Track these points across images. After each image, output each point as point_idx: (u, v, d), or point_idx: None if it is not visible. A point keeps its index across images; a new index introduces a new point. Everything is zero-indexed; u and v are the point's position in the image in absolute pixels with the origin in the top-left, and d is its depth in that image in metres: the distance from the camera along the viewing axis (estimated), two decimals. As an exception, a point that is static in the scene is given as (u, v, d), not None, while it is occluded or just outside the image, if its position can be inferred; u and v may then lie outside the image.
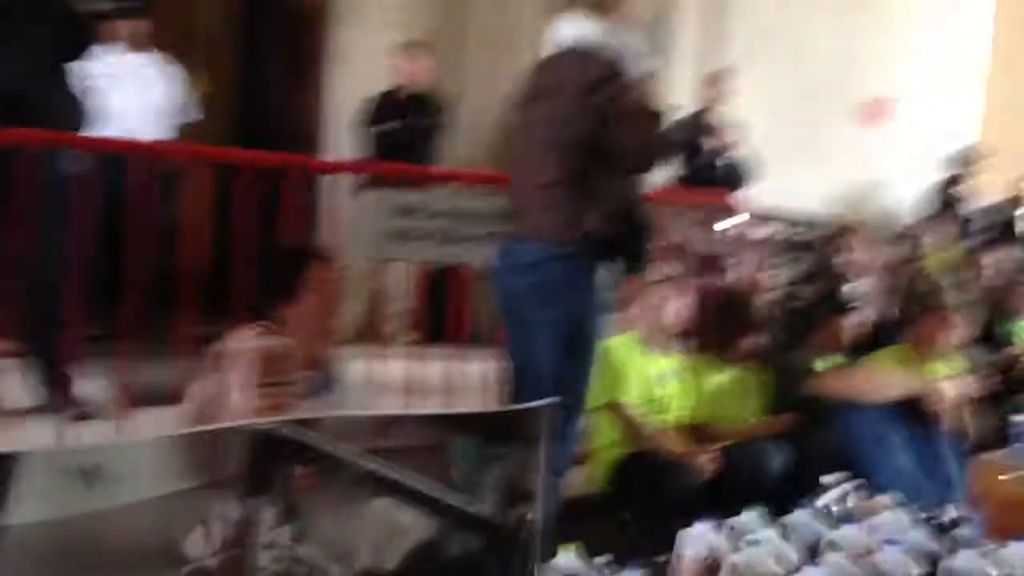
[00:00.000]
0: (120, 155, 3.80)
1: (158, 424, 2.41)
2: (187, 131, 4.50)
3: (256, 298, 2.57)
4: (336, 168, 3.65)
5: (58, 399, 3.15)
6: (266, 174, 3.42)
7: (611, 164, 2.56)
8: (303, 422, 1.68)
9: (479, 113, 5.97)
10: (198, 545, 1.50)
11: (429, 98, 4.90)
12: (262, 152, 3.69)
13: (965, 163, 7.02)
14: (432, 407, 2.78)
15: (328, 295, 2.48)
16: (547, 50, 2.68)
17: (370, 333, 4.64)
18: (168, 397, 2.87)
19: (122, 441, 1.53)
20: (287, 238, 3.29)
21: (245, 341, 2.22)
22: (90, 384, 3.22)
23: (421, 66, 4.78)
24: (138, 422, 2.90)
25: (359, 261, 4.23)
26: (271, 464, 1.60)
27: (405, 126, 4.73)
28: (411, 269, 4.79)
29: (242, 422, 1.70)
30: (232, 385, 2.11)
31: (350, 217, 3.62)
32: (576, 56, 2.56)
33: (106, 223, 3.69)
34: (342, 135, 5.51)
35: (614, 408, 3.09)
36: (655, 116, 2.59)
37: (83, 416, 3.06)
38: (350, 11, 5.74)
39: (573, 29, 2.58)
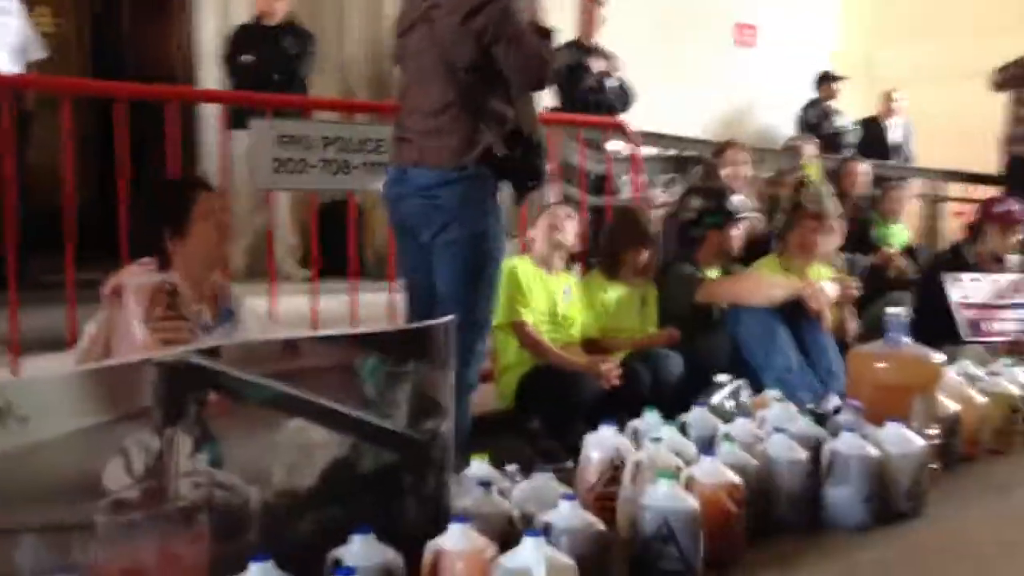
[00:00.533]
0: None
1: (50, 369, 2.32)
2: (37, 70, 4.25)
3: (142, 234, 2.50)
4: (217, 98, 3.52)
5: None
6: (141, 108, 3.30)
7: (502, 84, 2.56)
8: (211, 351, 1.67)
9: (359, 46, 5.88)
10: (118, 476, 1.50)
11: (289, 30, 4.78)
12: (141, 84, 3.53)
13: (829, 82, 7.33)
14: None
15: (217, 226, 2.43)
16: None
17: (259, 271, 4.58)
18: (56, 343, 2.79)
19: (33, 378, 1.49)
20: (169, 172, 3.18)
21: (138, 276, 2.16)
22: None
23: None
24: (27, 368, 2.79)
25: (244, 195, 4.16)
26: (183, 393, 1.61)
27: (261, 59, 4.63)
28: (295, 204, 4.75)
29: (151, 354, 1.68)
30: (129, 320, 2.06)
31: (234, 149, 3.52)
32: None
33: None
34: (210, 71, 5.35)
35: (517, 328, 3.16)
36: (544, 33, 2.59)
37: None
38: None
39: None
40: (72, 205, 2.92)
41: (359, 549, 1.71)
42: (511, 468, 2.37)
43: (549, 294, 3.28)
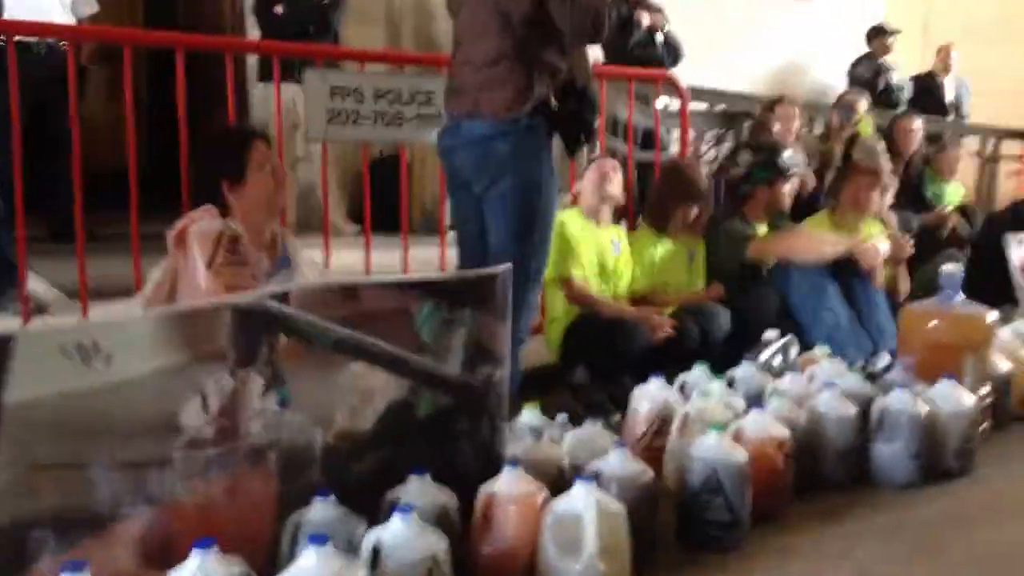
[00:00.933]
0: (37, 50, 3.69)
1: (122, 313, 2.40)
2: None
3: (201, 184, 2.55)
4: (273, 50, 3.53)
5: (8, 298, 3.11)
6: (196, 59, 3.33)
7: (556, 37, 2.55)
8: (279, 296, 1.72)
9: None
10: (194, 415, 1.56)
11: None
12: (196, 34, 3.57)
13: (882, 36, 7.15)
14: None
15: (272, 174, 2.48)
16: None
17: (305, 224, 4.64)
18: (122, 291, 2.87)
19: (118, 319, 1.55)
20: (224, 123, 3.22)
21: (202, 221, 2.22)
22: (38, 282, 3.17)
23: None
24: (96, 314, 2.88)
25: (288, 148, 4.20)
26: (257, 336, 1.66)
27: (292, 9, 4.61)
28: (338, 158, 4.77)
29: (229, 297, 1.74)
30: (193, 265, 2.12)
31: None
32: None
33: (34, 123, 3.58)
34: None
35: (565, 284, 3.17)
36: None
37: (36, 311, 3.03)
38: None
39: None
40: (134, 156, 2.97)
41: (416, 489, 1.77)
42: (561, 418, 2.41)
43: (598, 246, 3.28)
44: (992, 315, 2.89)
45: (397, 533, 1.58)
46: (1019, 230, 4.14)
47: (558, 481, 1.95)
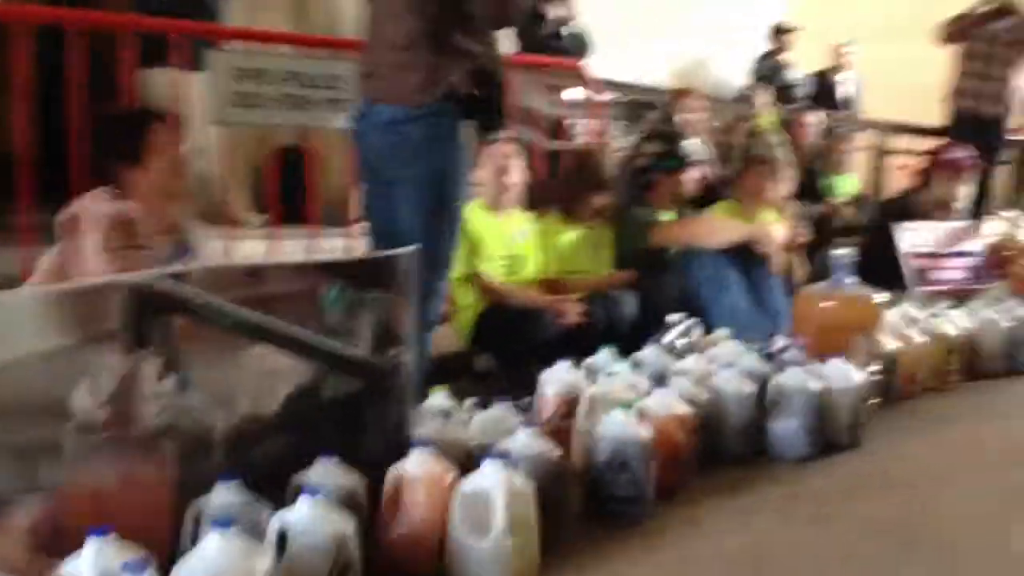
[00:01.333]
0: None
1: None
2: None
3: (96, 166, 2.47)
4: (174, 28, 3.42)
5: None
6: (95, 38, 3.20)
7: (468, 21, 2.55)
8: (177, 276, 1.68)
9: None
10: (85, 399, 1.51)
11: None
12: (92, 12, 3.43)
13: (782, 34, 7.40)
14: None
15: (173, 157, 2.41)
16: None
17: (218, 215, 4.52)
18: (10, 283, 2.74)
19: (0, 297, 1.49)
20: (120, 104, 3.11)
21: (95, 204, 2.14)
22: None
23: None
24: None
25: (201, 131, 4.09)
26: (151, 317, 1.62)
27: None
28: (238, 147, 4.65)
29: (118, 277, 1.68)
30: (86, 249, 2.05)
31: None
32: None
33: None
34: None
35: (475, 279, 3.18)
36: None
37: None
38: None
39: None
40: (25, 140, 2.84)
41: (322, 472, 1.75)
42: (469, 402, 2.42)
43: (502, 236, 3.30)
44: (881, 297, 3.03)
45: (304, 516, 1.57)
46: (908, 217, 4.35)
47: (467, 462, 1.95)
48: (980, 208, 6.04)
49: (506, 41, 4.13)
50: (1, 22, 2.91)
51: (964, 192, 4.66)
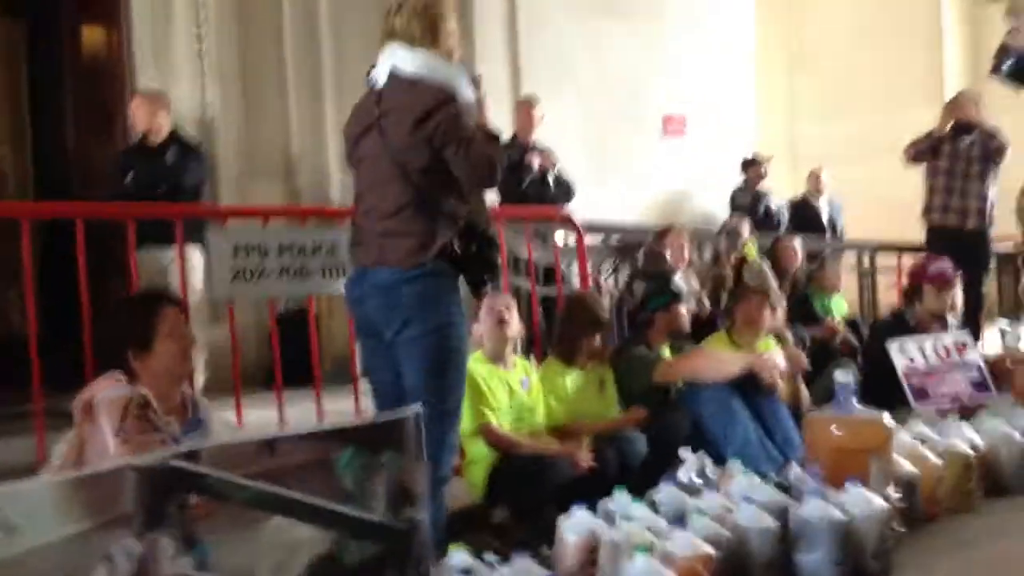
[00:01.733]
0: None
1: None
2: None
3: (105, 352, 2.51)
4: (177, 213, 3.55)
5: None
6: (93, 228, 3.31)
7: (455, 184, 2.66)
8: (190, 454, 1.69)
9: (303, 155, 6.05)
10: (103, 584, 1.48)
11: (172, 145, 4.67)
12: (95, 203, 3.56)
13: (756, 165, 7.68)
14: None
15: (181, 338, 2.46)
16: (376, 82, 2.73)
17: (219, 384, 4.54)
18: (27, 470, 2.72)
19: (19, 486, 1.49)
20: (122, 289, 3.19)
21: (109, 389, 2.16)
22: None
23: (159, 113, 4.68)
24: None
25: (202, 308, 4.17)
26: (164, 497, 1.61)
27: (141, 174, 4.54)
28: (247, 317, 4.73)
29: (130, 459, 1.69)
30: (102, 434, 2.05)
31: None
32: (407, 85, 2.63)
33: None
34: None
35: (484, 430, 3.17)
36: (492, 135, 2.71)
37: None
38: (154, 57, 5.68)
39: (401, 60, 2.65)
40: (34, 329, 2.89)
41: (348, 645, 1.70)
42: (489, 557, 2.38)
43: (507, 387, 3.32)
44: (887, 417, 3.03)
45: None
46: (902, 333, 4.38)
47: (493, 622, 1.91)
48: (976, 320, 6.14)
49: (489, 193, 4.29)
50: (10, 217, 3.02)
51: (953, 302, 4.72)
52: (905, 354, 4.19)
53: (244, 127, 5.96)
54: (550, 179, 5.86)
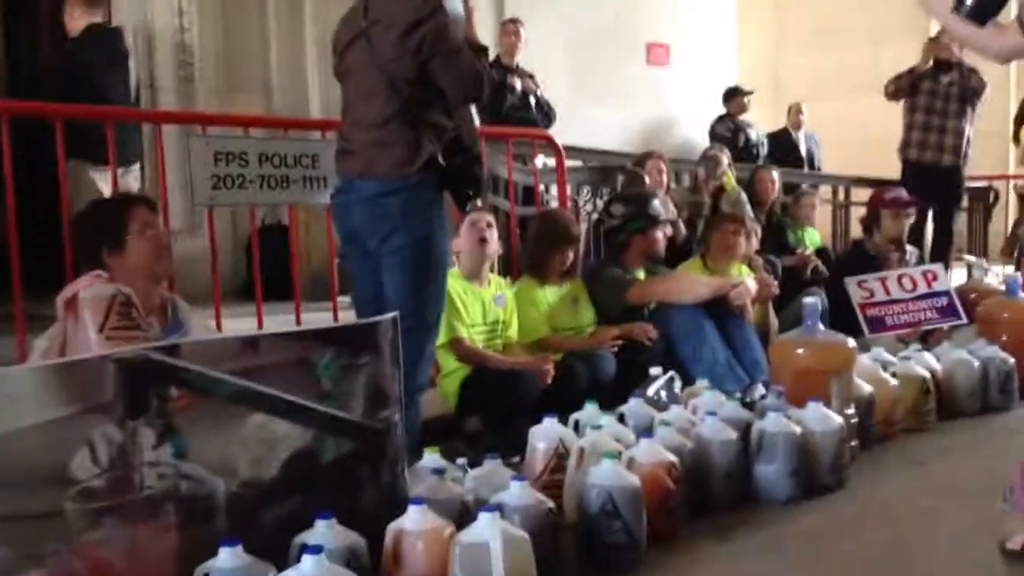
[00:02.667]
0: None
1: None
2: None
3: (80, 251, 2.53)
4: (156, 117, 3.52)
5: None
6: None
7: (442, 97, 2.66)
8: (171, 348, 1.74)
9: (282, 67, 5.98)
10: (84, 466, 1.55)
11: (88, 40, 4.37)
12: (78, 104, 3.52)
13: (738, 96, 7.68)
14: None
15: (154, 236, 2.49)
16: None
17: (192, 296, 4.56)
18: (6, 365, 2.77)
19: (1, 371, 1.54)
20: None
21: (93, 287, 2.19)
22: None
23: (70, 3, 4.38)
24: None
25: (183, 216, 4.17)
26: (144, 388, 1.67)
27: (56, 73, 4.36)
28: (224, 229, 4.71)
29: (111, 351, 1.73)
30: (85, 330, 2.09)
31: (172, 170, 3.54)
32: None
33: None
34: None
35: (455, 344, 3.23)
36: (479, 49, 2.71)
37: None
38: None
39: None
40: (15, 231, 2.88)
41: (323, 533, 1.78)
42: (461, 460, 2.47)
43: (482, 304, 3.37)
44: (851, 341, 3.13)
45: (308, 574, 1.59)
46: (863, 262, 4.48)
47: (463, 517, 1.99)
48: (946, 255, 6.26)
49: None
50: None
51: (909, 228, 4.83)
52: (862, 289, 4.27)
53: (223, 40, 5.87)
54: (532, 102, 5.86)
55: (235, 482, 1.77)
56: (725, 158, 5.45)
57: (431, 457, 2.33)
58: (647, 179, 4.77)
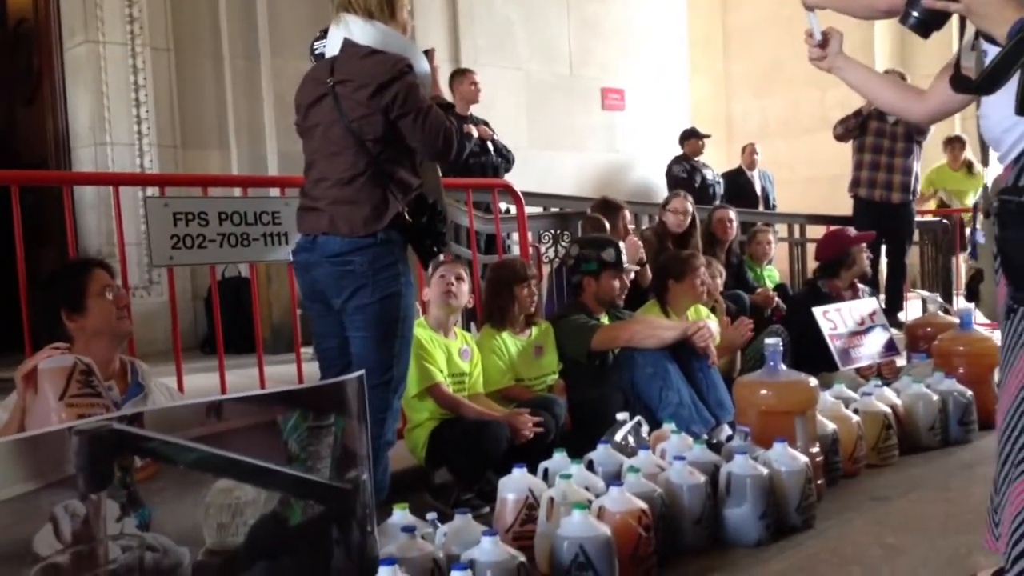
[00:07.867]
0: None
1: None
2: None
3: (40, 317, 2.51)
4: (110, 180, 3.50)
5: None
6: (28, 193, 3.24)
7: (409, 154, 2.68)
8: (132, 417, 1.72)
9: (241, 124, 5.99)
10: (48, 542, 1.52)
11: None
12: (28, 170, 3.49)
13: (694, 138, 7.84)
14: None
15: (114, 300, 2.47)
16: (329, 51, 2.73)
17: (150, 353, 4.51)
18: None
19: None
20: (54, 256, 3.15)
21: (52, 358, 2.15)
22: None
23: None
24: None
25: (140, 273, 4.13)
26: (106, 459, 1.64)
27: None
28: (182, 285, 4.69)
29: (72, 423, 1.70)
30: (46, 402, 2.05)
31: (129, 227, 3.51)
32: (365, 54, 2.62)
33: None
34: (86, 153, 5.33)
35: (434, 391, 3.20)
36: (447, 106, 2.74)
37: None
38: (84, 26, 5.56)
39: (357, 31, 2.65)
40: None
41: (293, 600, 1.76)
42: (431, 516, 2.45)
43: (447, 355, 3.36)
44: (813, 381, 3.17)
45: (277, 644, 1.57)
46: (818, 301, 4.57)
47: (434, 575, 1.98)
48: (899, 289, 6.40)
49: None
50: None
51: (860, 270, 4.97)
52: (829, 319, 4.38)
53: (178, 96, 5.88)
54: (490, 147, 5.91)
55: (200, 550, 1.74)
56: (681, 198, 5.52)
57: (400, 514, 2.31)
58: (607, 223, 4.81)
